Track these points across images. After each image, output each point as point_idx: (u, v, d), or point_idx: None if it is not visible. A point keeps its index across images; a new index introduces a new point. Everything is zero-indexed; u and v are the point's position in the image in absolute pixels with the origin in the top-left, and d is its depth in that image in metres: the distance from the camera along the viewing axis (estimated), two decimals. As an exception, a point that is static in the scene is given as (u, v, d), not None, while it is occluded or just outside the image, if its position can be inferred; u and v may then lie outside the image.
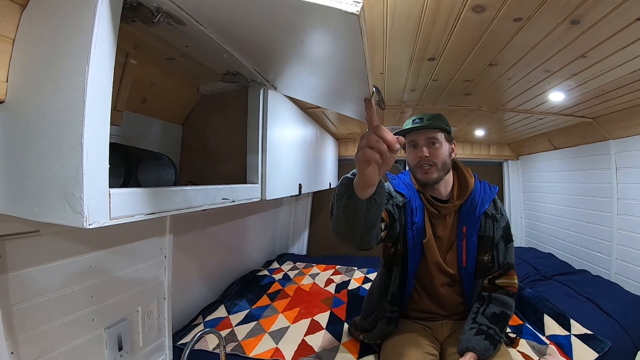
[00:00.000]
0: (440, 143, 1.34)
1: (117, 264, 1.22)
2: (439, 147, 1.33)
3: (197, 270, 1.91)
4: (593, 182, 2.56)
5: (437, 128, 1.33)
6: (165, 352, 1.45)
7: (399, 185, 1.43)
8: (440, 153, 1.33)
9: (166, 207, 0.83)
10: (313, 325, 1.74)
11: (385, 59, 1.38)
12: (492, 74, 1.53)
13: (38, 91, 0.71)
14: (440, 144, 1.34)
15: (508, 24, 1.05)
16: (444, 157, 1.34)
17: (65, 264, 1.03)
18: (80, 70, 0.61)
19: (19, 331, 0.90)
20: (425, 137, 1.33)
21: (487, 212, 1.36)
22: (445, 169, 1.35)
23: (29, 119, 0.71)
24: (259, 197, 1.34)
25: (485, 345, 1.18)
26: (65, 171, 0.62)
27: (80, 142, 0.60)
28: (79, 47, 0.62)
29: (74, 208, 0.62)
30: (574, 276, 2.40)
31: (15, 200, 0.73)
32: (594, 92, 1.71)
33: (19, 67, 0.76)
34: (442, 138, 1.34)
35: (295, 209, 3.78)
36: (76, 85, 0.61)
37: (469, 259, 1.35)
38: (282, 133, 1.69)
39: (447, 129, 1.35)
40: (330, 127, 3.10)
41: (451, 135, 1.39)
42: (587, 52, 1.22)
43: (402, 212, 1.37)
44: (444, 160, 1.34)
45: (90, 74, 0.60)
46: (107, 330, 1.17)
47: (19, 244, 0.90)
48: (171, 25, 0.79)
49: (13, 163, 0.74)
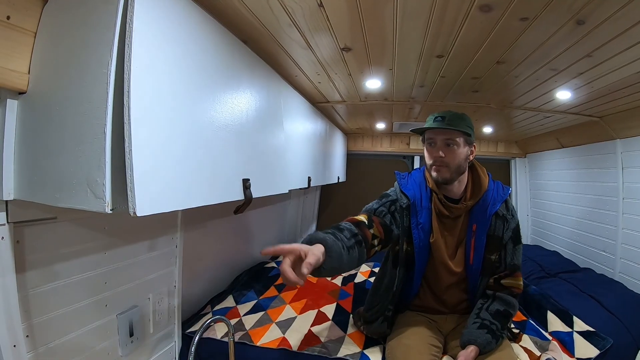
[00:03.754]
0: (458, 145, 1.30)
1: (130, 252, 1.25)
2: (455, 150, 1.30)
3: (206, 260, 1.94)
4: (599, 181, 2.55)
5: (456, 130, 1.29)
6: (174, 340, 1.49)
7: (406, 186, 1.42)
8: (456, 156, 1.30)
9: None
10: (319, 317, 1.76)
11: (395, 55, 1.39)
12: (499, 72, 1.53)
13: (60, 83, 0.74)
14: (458, 146, 1.30)
15: (514, 23, 1.06)
16: (459, 161, 1.31)
17: (81, 250, 1.06)
18: (104, 63, 0.64)
19: (34, 315, 0.92)
20: (443, 137, 1.31)
21: (498, 213, 1.35)
22: (459, 171, 1.33)
23: (51, 110, 0.74)
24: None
25: (487, 339, 1.20)
26: (88, 159, 0.66)
27: (103, 131, 0.63)
28: (102, 41, 0.65)
29: (95, 194, 0.65)
30: (579, 274, 2.39)
31: (36, 187, 0.76)
32: (600, 91, 1.70)
33: (40, 59, 0.79)
34: (461, 141, 1.31)
35: (303, 202, 3.80)
36: (100, 78, 0.64)
37: (476, 257, 1.35)
38: (293, 126, 1.71)
39: (467, 131, 1.30)
40: (339, 122, 3.11)
41: (472, 138, 1.34)
42: (592, 51, 1.22)
43: (405, 213, 1.37)
44: (459, 163, 1.31)
45: (113, 67, 0.63)
46: (119, 317, 1.20)
47: (37, 230, 0.92)
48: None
49: (35, 152, 0.77)
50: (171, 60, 0.78)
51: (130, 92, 0.63)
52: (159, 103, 0.73)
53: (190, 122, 0.84)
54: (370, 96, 2.09)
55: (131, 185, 0.63)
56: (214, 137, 0.95)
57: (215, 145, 0.96)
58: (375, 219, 1.28)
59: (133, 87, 0.63)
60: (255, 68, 1.26)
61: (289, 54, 1.40)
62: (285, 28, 1.16)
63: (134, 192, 0.64)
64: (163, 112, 0.74)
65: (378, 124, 3.18)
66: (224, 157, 1.01)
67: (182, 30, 0.83)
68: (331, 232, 1.08)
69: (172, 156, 0.77)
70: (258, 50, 1.31)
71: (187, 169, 0.85)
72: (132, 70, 0.63)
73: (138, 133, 0.65)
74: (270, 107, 1.39)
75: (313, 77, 1.71)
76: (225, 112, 1.01)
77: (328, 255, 0.97)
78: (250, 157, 1.19)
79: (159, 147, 0.73)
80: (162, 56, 0.74)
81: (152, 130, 0.70)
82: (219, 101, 0.98)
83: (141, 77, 0.66)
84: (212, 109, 0.95)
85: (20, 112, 0.79)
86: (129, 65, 0.63)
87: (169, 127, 0.76)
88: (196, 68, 0.88)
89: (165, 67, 0.76)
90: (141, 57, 0.66)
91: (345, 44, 1.29)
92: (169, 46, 0.78)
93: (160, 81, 0.74)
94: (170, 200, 0.77)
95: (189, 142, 0.84)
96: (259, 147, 1.27)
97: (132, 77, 0.63)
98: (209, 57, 0.95)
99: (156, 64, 0.72)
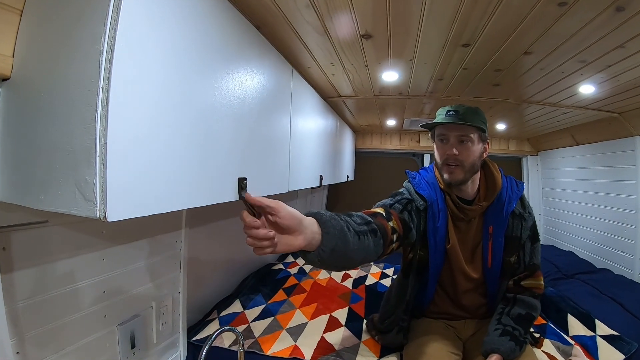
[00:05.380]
0: (473, 142, 1.20)
1: (131, 257, 1.17)
2: (470, 147, 1.20)
3: (211, 263, 1.86)
4: (617, 179, 2.49)
5: (471, 125, 1.18)
6: (179, 349, 1.41)
7: (419, 186, 1.30)
8: (471, 153, 1.20)
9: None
10: (332, 322, 1.69)
11: (417, 44, 1.30)
12: (525, 63, 1.47)
13: (48, 66, 0.63)
14: (473, 143, 1.20)
15: (552, 9, 1.00)
16: (473, 159, 1.21)
17: (76, 257, 0.98)
18: (96, 38, 0.53)
19: (25, 329, 0.85)
20: (457, 133, 1.20)
21: (515, 211, 1.27)
22: (472, 170, 1.23)
23: (37, 97, 0.64)
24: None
25: (511, 347, 1.14)
26: (76, 153, 0.55)
27: (94, 119, 0.52)
28: (96, 14, 0.54)
29: (85, 195, 0.54)
30: (596, 275, 2.34)
31: (19, 188, 0.66)
32: (625, 85, 1.67)
33: (27, 40, 0.69)
34: (476, 137, 1.20)
35: (310, 201, 3.71)
36: (92, 55, 0.53)
37: (494, 260, 1.28)
38: (305, 123, 1.62)
39: (482, 127, 1.20)
40: (348, 118, 3.04)
41: (486, 134, 1.24)
42: (625, 42, 1.18)
43: (421, 216, 1.27)
44: (473, 162, 1.21)
45: (107, 41, 0.52)
46: (119, 327, 1.12)
47: (26, 235, 0.84)
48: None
49: (18, 146, 0.67)
50: (167, 40, 0.68)
51: (112, 72, 0.52)
52: (145, 86, 0.62)
53: (181, 111, 0.73)
54: (385, 90, 2.01)
55: (102, 184, 0.53)
56: (210, 129, 0.83)
57: (212, 139, 0.85)
58: (394, 212, 1.16)
59: (115, 65, 0.53)
60: (264, 56, 1.15)
61: (304, 41, 1.31)
62: (302, 9, 1.07)
63: (105, 191, 0.52)
64: (148, 97, 0.63)
65: (389, 121, 3.11)
66: (219, 151, 0.88)
67: (184, 8, 0.73)
68: (334, 213, 0.89)
69: (158, 150, 0.66)
70: (270, 37, 1.21)
71: (185, 164, 0.74)
72: (115, 47, 0.52)
73: (117, 119, 0.54)
74: (279, 99, 1.29)
75: (327, 68, 1.63)
76: (224, 102, 0.89)
77: (324, 231, 0.78)
78: (250, 152, 1.06)
79: (143, 137, 0.61)
80: (154, 35, 0.63)
81: (135, 118, 0.59)
82: (219, 88, 0.87)
83: (127, 56, 0.56)
84: (211, 96, 0.83)
85: (3, 101, 0.69)
86: (112, 42, 0.53)
87: (156, 115, 0.65)
88: (196, 50, 0.77)
89: (158, 47, 0.65)
90: (128, 34, 0.55)
91: (366, 29, 1.20)
92: (166, 25, 0.67)
93: (151, 61, 0.63)
94: (156, 201, 0.66)
95: (178, 133, 0.72)
96: (259, 141, 1.14)
97: (115, 55, 0.53)
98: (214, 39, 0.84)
99: (146, 42, 0.61)
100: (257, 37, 1.08)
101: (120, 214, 0.56)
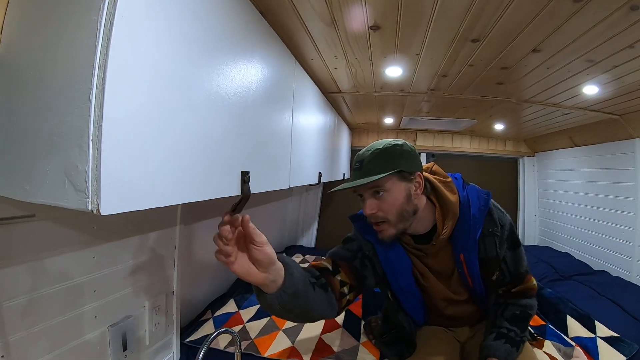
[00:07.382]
0: (389, 191, 1.02)
1: (123, 255, 1.11)
2: (387, 198, 1.02)
3: (205, 261, 1.79)
4: (616, 181, 2.49)
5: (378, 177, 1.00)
6: (172, 351, 1.35)
7: (365, 230, 1.15)
8: (392, 204, 1.02)
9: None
10: (329, 323, 1.64)
11: (426, 37, 1.26)
12: (531, 61, 1.45)
13: (37, 40, 0.57)
14: (389, 192, 1.02)
15: (566, 5, 0.98)
16: (398, 207, 1.02)
17: (65, 254, 0.92)
18: (94, 8, 0.47)
19: (10, 331, 0.79)
20: (367, 187, 1.03)
21: (484, 232, 1.12)
22: (404, 218, 1.05)
23: (26, 76, 0.57)
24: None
25: (507, 349, 1.09)
26: (66, 137, 0.49)
27: (87, 98, 0.46)
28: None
29: (75, 185, 0.48)
30: (594, 277, 2.34)
31: (1, 177, 0.59)
32: (629, 87, 1.66)
33: (16, 14, 0.62)
34: (392, 183, 1.02)
35: (305, 199, 3.65)
36: (87, 25, 0.47)
37: (475, 282, 1.19)
38: (306, 118, 1.57)
39: (395, 169, 1.00)
40: (346, 115, 2.98)
41: (411, 168, 1.03)
42: (635, 42, 1.17)
43: (375, 262, 1.15)
44: (399, 210, 1.03)
45: (107, 11, 0.46)
46: (110, 329, 1.06)
47: (10, 230, 0.78)
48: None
49: (3, 130, 0.60)
50: (173, 15, 0.61)
51: (110, 45, 0.46)
52: (146, 65, 0.55)
53: (185, 95, 0.66)
54: (387, 86, 1.96)
55: (96, 172, 0.47)
56: (214, 117, 0.77)
57: (216, 128, 0.78)
58: (343, 264, 1.08)
59: (114, 39, 0.47)
60: (269, 45, 1.09)
61: (309, 30, 1.26)
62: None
63: (99, 181, 0.46)
64: (149, 77, 0.56)
65: (387, 119, 3.06)
66: (223, 142, 0.82)
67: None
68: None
69: (159, 136, 0.59)
70: (275, 26, 1.15)
71: (188, 153, 0.68)
72: (115, 18, 0.47)
73: (114, 98, 0.48)
74: (282, 92, 1.24)
75: (330, 61, 1.58)
76: (229, 89, 0.83)
77: (288, 272, 0.79)
78: (253, 144, 1.00)
79: (142, 120, 0.55)
80: (159, 8, 0.57)
81: (135, 98, 0.53)
82: (224, 75, 0.80)
83: (127, 29, 0.50)
84: (216, 82, 0.77)
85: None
86: (112, 12, 0.47)
87: (158, 96, 0.58)
88: (202, 29, 0.71)
89: (162, 21, 0.58)
90: (130, 4, 0.49)
91: (375, 20, 1.15)
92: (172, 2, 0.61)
93: (154, 37, 0.57)
94: (155, 194, 0.59)
95: (181, 118, 0.65)
96: (262, 134, 1.07)
97: (114, 27, 0.47)
98: (221, 20, 0.78)
99: (151, 14, 0.55)
100: (262, 23, 1.02)
101: (115, 207, 0.49)
